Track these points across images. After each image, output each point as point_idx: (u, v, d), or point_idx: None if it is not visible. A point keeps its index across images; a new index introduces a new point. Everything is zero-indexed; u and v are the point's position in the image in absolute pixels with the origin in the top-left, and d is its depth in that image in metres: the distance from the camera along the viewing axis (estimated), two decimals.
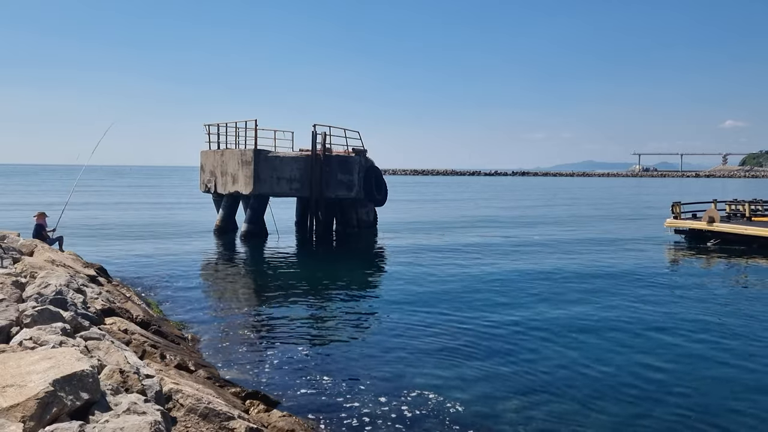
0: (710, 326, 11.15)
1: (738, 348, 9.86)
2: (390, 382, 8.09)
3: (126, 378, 4.46)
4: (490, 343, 9.90)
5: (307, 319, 11.66)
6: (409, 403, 7.37)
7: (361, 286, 15.54)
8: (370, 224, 27.47)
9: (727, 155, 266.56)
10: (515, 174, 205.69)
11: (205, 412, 4.89)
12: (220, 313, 12.01)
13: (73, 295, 7.15)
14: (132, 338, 7.05)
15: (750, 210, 24.56)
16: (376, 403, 7.36)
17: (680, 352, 9.56)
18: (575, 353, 9.43)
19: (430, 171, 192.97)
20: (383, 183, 27.47)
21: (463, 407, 7.27)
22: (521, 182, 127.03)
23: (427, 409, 7.20)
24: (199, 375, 6.87)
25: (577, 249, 21.72)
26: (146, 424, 3.67)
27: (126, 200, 49.35)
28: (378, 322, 11.45)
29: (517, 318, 11.55)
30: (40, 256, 10.73)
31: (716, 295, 14.00)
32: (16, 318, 5.43)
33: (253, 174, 23.65)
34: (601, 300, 13.24)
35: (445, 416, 7.02)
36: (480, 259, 19.21)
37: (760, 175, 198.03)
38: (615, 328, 10.96)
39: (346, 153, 26.06)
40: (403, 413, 7.07)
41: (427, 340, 10.07)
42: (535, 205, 49.32)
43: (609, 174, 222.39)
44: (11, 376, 3.75)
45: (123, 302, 9.88)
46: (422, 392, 7.72)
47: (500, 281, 15.38)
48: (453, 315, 11.76)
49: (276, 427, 5.88)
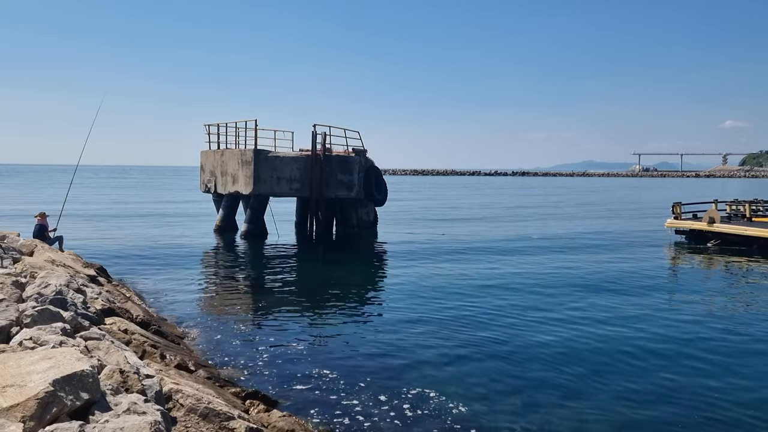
0: (710, 326, 11.15)
1: (738, 348, 9.86)
2: (390, 382, 8.09)
3: (126, 378, 4.46)
4: (490, 343, 9.90)
5: (307, 319, 11.66)
6: (409, 402, 7.37)
7: (361, 286, 15.54)
8: (370, 224, 27.48)
9: (727, 155, 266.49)
10: (515, 174, 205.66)
11: (205, 412, 4.89)
12: (220, 313, 12.01)
13: (73, 295, 7.15)
14: (132, 338, 7.05)
15: (750, 210, 24.54)
16: (376, 402, 7.36)
17: (680, 353, 9.56)
18: (575, 353, 9.43)
19: (430, 171, 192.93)
20: (383, 183, 27.47)
21: (463, 406, 7.26)
22: (521, 182, 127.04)
23: (427, 408, 7.20)
24: (199, 375, 6.88)
25: (577, 248, 21.72)
26: (146, 424, 3.67)
27: (125, 200, 49.36)
28: (378, 321, 11.45)
29: (518, 317, 11.56)
30: (40, 256, 10.74)
31: (716, 295, 14.00)
32: (16, 318, 5.43)
33: (253, 174, 23.65)
34: (601, 300, 13.23)
35: (445, 415, 7.02)
36: (480, 258, 19.21)
37: (760, 175, 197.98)
38: (615, 328, 10.95)
39: (346, 153, 26.05)
40: (403, 412, 7.07)
41: (426, 340, 10.07)
42: (534, 205, 49.32)
43: (609, 174, 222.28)
44: (11, 376, 3.74)
45: (123, 302, 9.89)
46: (422, 391, 7.72)
47: (500, 281, 15.38)
48: (453, 315, 11.76)
49: (276, 427, 5.88)
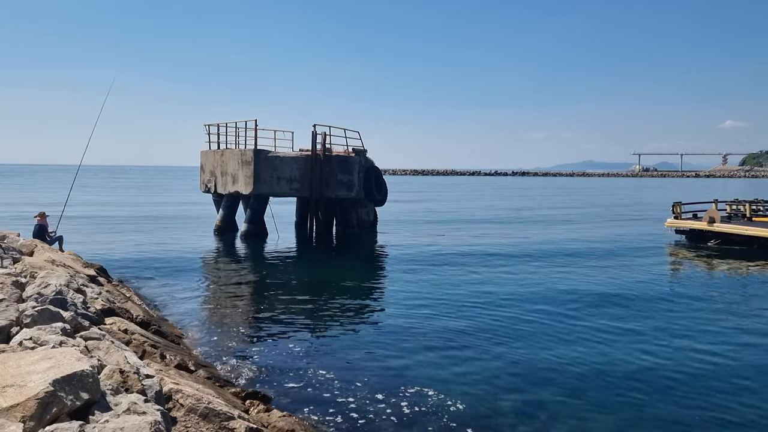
0: (709, 326, 11.14)
1: (739, 349, 9.86)
2: (389, 381, 8.09)
3: (126, 378, 4.45)
4: (489, 342, 9.90)
5: (307, 319, 11.67)
6: (408, 401, 7.37)
7: (360, 286, 15.53)
8: (370, 224, 27.47)
9: (727, 155, 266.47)
10: (515, 174, 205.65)
11: (205, 412, 4.89)
12: (220, 313, 12.01)
13: (73, 295, 7.15)
14: (132, 338, 7.05)
15: (750, 210, 24.54)
16: (376, 402, 7.36)
17: (681, 352, 9.56)
18: (575, 352, 9.42)
19: (430, 171, 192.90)
20: (383, 183, 27.46)
21: (462, 405, 7.26)
22: (521, 182, 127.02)
23: (427, 408, 7.20)
24: (199, 375, 6.88)
25: (576, 248, 21.71)
26: (146, 424, 3.67)
27: (126, 200, 49.35)
28: (377, 321, 11.45)
29: (518, 317, 11.56)
30: (40, 256, 10.74)
31: (715, 295, 13.99)
32: (16, 318, 5.43)
33: (253, 174, 23.64)
34: (601, 300, 13.23)
35: (444, 414, 7.02)
36: (480, 258, 19.20)
37: (760, 175, 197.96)
38: (615, 328, 10.95)
39: (346, 153, 26.04)
40: (403, 412, 7.07)
41: (426, 339, 10.07)
42: (534, 206, 49.29)
43: (609, 174, 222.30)
44: (11, 376, 3.74)
45: (123, 302, 9.89)
46: (422, 391, 7.72)
47: (500, 280, 15.38)
48: (452, 314, 11.76)
49: (276, 427, 5.88)
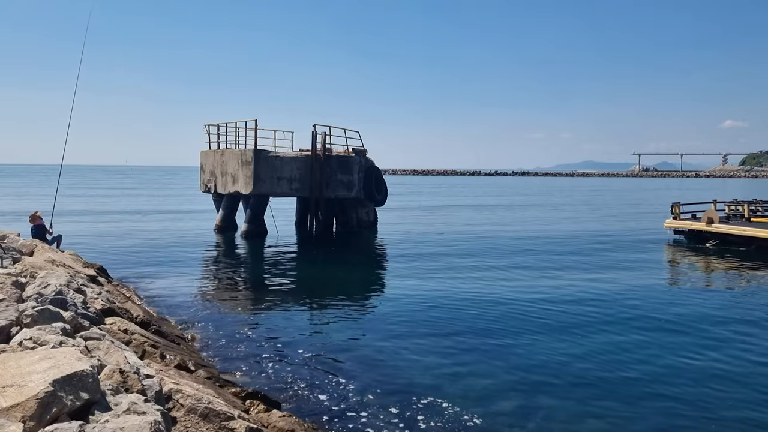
0: (708, 325, 11.16)
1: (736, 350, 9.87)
2: (389, 381, 8.09)
3: (126, 378, 4.46)
4: (491, 343, 9.90)
5: (306, 319, 11.68)
6: (408, 401, 7.37)
7: (361, 286, 15.54)
8: (370, 224, 27.48)
9: (727, 155, 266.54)
10: (515, 174, 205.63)
11: (205, 412, 4.90)
12: (220, 312, 12.02)
13: (73, 295, 7.16)
14: (132, 338, 7.06)
15: (749, 211, 24.58)
16: (376, 401, 7.37)
17: (679, 353, 9.56)
18: (575, 352, 9.43)
19: (430, 171, 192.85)
20: (383, 183, 27.47)
21: (462, 405, 7.27)
22: (521, 182, 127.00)
23: (427, 408, 7.21)
24: (199, 375, 6.88)
25: (575, 248, 21.72)
26: (146, 424, 3.68)
27: (126, 200, 49.36)
28: (377, 321, 11.45)
29: (518, 317, 11.56)
30: (40, 256, 10.75)
31: (713, 296, 14.00)
32: (16, 318, 5.44)
33: (253, 174, 23.66)
34: (600, 300, 13.23)
35: (444, 414, 7.02)
36: (480, 258, 19.21)
37: (760, 175, 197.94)
38: (614, 328, 10.96)
39: (346, 153, 26.05)
40: (403, 412, 7.08)
41: (427, 340, 10.07)
42: (534, 205, 49.31)
43: (609, 174, 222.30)
44: (11, 376, 3.75)
45: (123, 302, 9.90)
46: (422, 390, 7.72)
47: (500, 280, 15.39)
48: (453, 315, 11.77)
49: (276, 427, 5.89)
